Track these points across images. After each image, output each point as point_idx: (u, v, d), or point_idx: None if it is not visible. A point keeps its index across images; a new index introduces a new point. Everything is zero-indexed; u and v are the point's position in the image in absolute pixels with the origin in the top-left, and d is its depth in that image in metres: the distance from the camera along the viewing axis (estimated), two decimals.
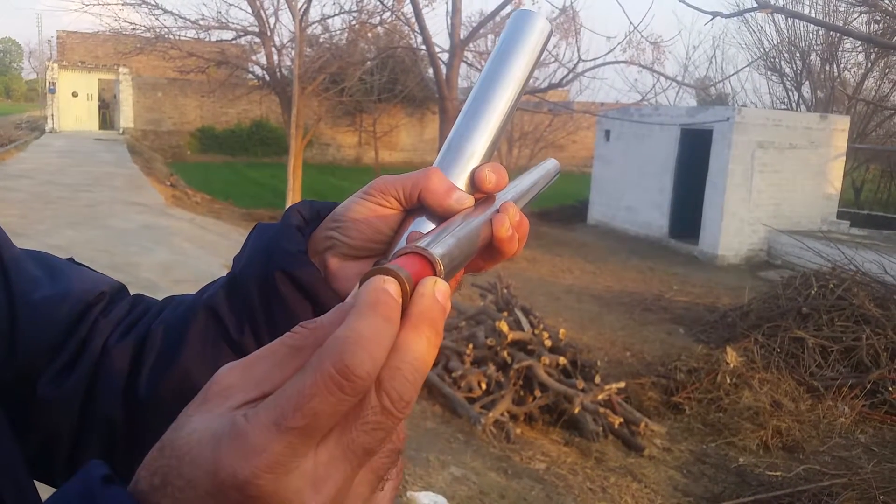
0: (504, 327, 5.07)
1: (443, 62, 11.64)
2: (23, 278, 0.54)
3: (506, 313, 5.55)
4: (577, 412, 4.84)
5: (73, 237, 8.21)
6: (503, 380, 4.96)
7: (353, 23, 14.32)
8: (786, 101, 19.76)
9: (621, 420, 4.92)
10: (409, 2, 11.68)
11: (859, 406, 5.51)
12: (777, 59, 19.75)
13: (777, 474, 4.43)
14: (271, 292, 0.50)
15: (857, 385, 5.69)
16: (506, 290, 6.00)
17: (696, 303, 8.98)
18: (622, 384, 5.30)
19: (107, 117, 26.80)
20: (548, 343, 5.23)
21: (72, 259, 0.61)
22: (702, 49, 42.06)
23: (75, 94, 25.28)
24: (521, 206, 0.51)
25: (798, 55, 19.10)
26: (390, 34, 15.43)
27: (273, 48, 13.56)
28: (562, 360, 5.09)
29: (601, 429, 4.86)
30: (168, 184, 14.92)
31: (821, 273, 7.23)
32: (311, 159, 21.72)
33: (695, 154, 12.78)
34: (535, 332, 5.33)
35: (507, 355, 5.02)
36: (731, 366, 5.64)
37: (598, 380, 5.14)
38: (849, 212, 14.95)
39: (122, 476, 0.31)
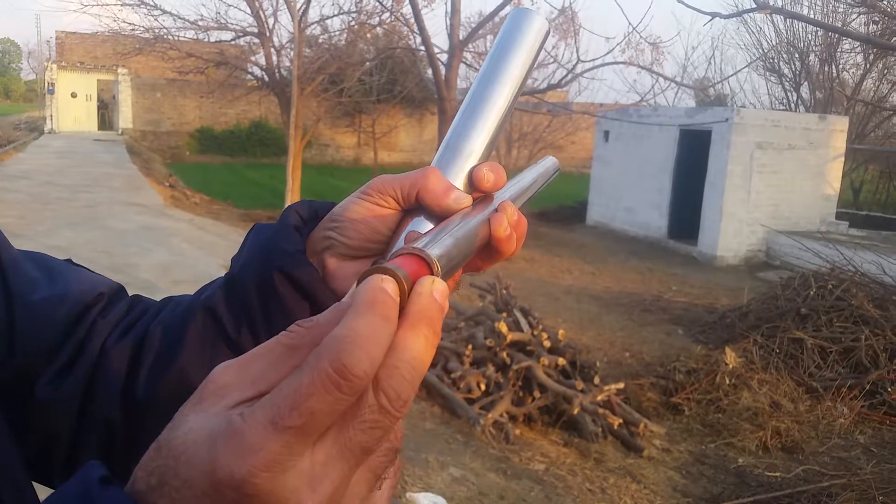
0: (503, 328, 5.07)
1: (442, 63, 11.64)
2: (21, 280, 0.54)
3: (505, 314, 5.54)
4: (576, 413, 4.84)
5: (72, 238, 8.20)
6: (502, 380, 4.96)
7: (352, 23, 14.33)
8: (784, 101, 19.77)
9: (620, 421, 4.92)
10: (408, 2, 11.69)
11: (858, 407, 5.51)
12: (776, 60, 19.76)
13: (776, 475, 4.43)
14: (269, 292, 0.50)
15: (856, 386, 5.69)
16: (505, 291, 6.00)
17: (694, 303, 8.98)
18: (621, 385, 5.30)
19: (105, 118, 26.78)
20: (547, 344, 5.23)
21: (70, 260, 0.61)
22: (701, 50, 42.21)
23: (74, 95, 25.26)
24: (520, 205, 0.51)
25: (797, 56, 19.12)
26: (389, 35, 15.43)
27: (272, 49, 13.57)
28: (561, 360, 5.09)
29: (600, 429, 4.86)
30: (167, 184, 14.91)
31: (819, 274, 7.23)
32: (310, 160, 21.72)
33: (693, 155, 12.78)
34: (535, 332, 5.33)
35: (506, 356, 5.02)
36: (730, 366, 5.64)
37: (597, 380, 5.14)
38: (847, 212, 14.95)
39: (121, 477, 0.31)
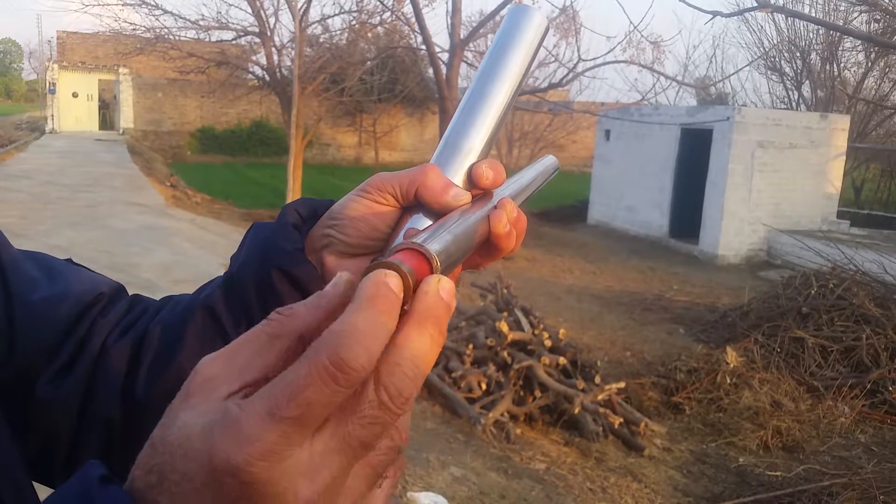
0: (504, 327, 5.07)
1: (443, 62, 11.64)
2: (21, 279, 0.54)
3: (506, 313, 5.54)
4: (577, 412, 4.84)
5: (73, 237, 8.21)
6: (503, 380, 4.96)
7: (353, 23, 14.33)
8: (786, 100, 19.76)
9: (621, 420, 4.92)
10: (409, 2, 11.69)
11: (859, 406, 5.50)
12: (777, 59, 19.75)
13: (777, 474, 4.43)
14: (268, 291, 0.50)
15: (857, 385, 5.69)
16: (506, 291, 5.99)
17: (696, 303, 8.98)
18: (622, 384, 5.30)
19: (107, 118, 26.79)
20: (548, 343, 5.22)
21: (70, 260, 0.61)
22: (702, 48, 42.14)
23: (75, 95, 25.27)
24: (520, 202, 0.50)
25: (798, 54, 19.10)
26: (390, 34, 15.43)
27: (273, 48, 13.57)
28: (562, 360, 5.09)
29: (601, 429, 4.85)
30: (168, 184, 14.92)
31: (821, 273, 7.22)
32: (311, 159, 21.72)
33: (695, 154, 12.77)
34: (535, 332, 5.33)
35: (507, 355, 5.01)
36: (731, 366, 5.64)
37: (598, 380, 5.13)
38: (849, 211, 14.94)
39: (121, 476, 0.31)
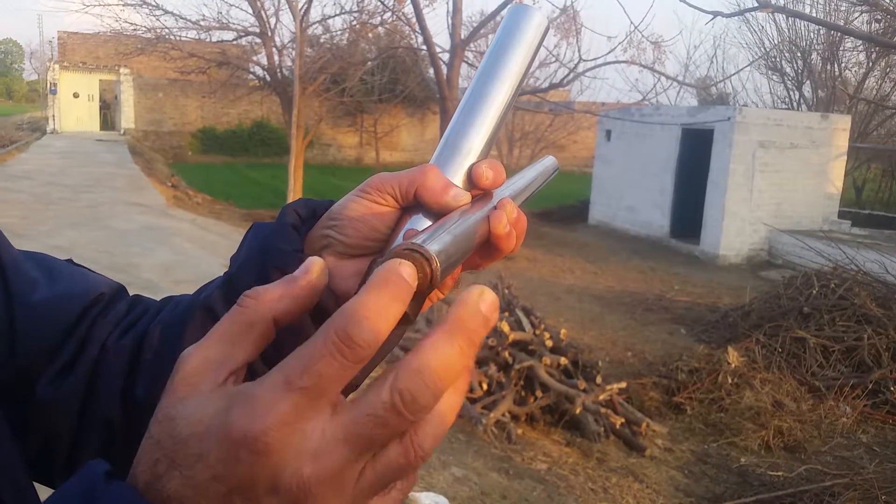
0: (505, 328, 5.07)
1: (443, 62, 11.64)
2: (22, 280, 0.54)
3: (507, 313, 5.54)
4: (578, 412, 4.84)
5: (74, 238, 8.21)
6: (504, 380, 4.96)
7: (354, 23, 14.33)
8: (787, 100, 19.75)
9: (623, 420, 4.92)
10: (409, 2, 11.69)
11: (861, 406, 5.50)
12: (778, 59, 19.74)
13: (779, 474, 4.43)
14: None
15: (859, 385, 5.68)
16: (507, 291, 5.99)
17: (697, 303, 8.97)
18: (623, 384, 5.29)
19: (108, 118, 26.81)
20: (549, 343, 5.22)
21: (71, 260, 0.61)
22: (703, 49, 42.22)
23: (76, 95, 25.30)
24: (520, 203, 0.50)
25: (799, 54, 19.09)
26: (391, 34, 15.43)
27: (274, 48, 13.58)
28: (563, 360, 5.09)
29: (602, 429, 4.85)
30: (169, 184, 14.93)
31: (822, 273, 7.22)
32: (312, 160, 21.73)
33: (696, 154, 12.77)
34: (537, 332, 5.32)
35: (508, 356, 5.01)
36: (733, 366, 5.64)
37: (599, 380, 5.13)
38: (850, 211, 14.93)
39: (122, 475, 0.31)
